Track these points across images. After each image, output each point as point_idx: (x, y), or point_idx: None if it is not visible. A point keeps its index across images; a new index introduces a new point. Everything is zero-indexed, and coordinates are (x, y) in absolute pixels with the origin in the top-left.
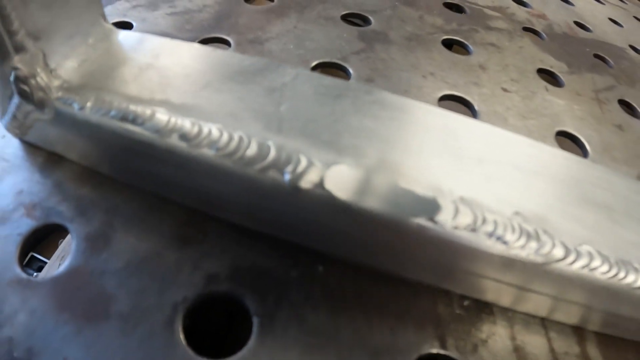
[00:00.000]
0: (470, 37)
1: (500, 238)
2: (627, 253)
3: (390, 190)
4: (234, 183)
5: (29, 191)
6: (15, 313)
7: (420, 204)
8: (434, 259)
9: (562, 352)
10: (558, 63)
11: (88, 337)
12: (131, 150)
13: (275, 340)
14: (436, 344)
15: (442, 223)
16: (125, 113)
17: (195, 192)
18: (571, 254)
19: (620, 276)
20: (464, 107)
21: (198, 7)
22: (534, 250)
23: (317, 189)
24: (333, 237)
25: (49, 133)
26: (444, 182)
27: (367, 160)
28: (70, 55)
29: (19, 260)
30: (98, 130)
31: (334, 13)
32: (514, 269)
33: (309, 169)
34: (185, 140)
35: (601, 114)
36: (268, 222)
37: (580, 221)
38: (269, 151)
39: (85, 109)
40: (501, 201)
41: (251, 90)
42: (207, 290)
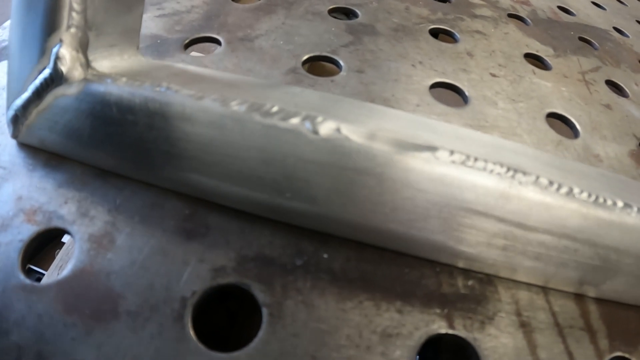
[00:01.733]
0: (456, 26)
1: (492, 171)
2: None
3: (394, 138)
4: (258, 132)
5: (29, 197)
6: (22, 319)
7: (421, 147)
8: (437, 200)
9: (567, 326)
10: (544, 47)
11: (98, 337)
12: (159, 116)
13: (286, 329)
14: (444, 324)
15: (442, 159)
16: (158, 85)
17: (214, 158)
18: (554, 183)
19: (600, 202)
20: (454, 93)
21: (186, 8)
22: (524, 179)
23: (335, 133)
24: (341, 197)
25: (65, 114)
26: (437, 141)
27: (370, 125)
28: (107, 58)
29: (21, 267)
30: (127, 100)
31: (320, 8)
32: (509, 200)
33: (325, 121)
34: (216, 101)
35: (589, 94)
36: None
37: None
38: (290, 110)
39: (118, 82)
40: (485, 154)
41: (270, 92)
42: (214, 283)
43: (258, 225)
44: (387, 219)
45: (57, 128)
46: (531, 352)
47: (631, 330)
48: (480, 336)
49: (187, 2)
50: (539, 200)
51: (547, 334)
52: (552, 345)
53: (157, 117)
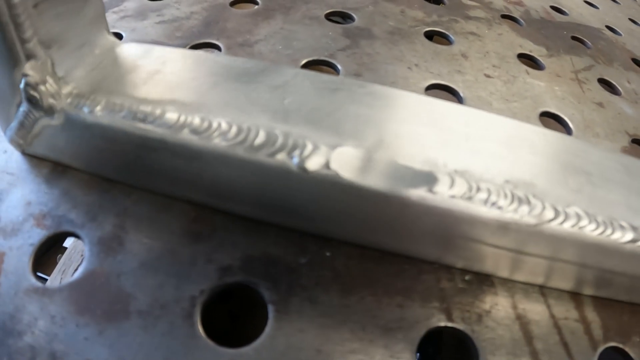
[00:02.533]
0: (450, 28)
1: (494, 204)
2: (610, 212)
3: (390, 167)
4: (244, 170)
5: (38, 202)
6: (34, 320)
7: (419, 177)
8: (435, 229)
9: (562, 317)
10: (537, 47)
11: (110, 336)
12: (143, 148)
13: (291, 324)
14: (443, 317)
15: (440, 193)
16: (135, 113)
17: (206, 184)
18: (560, 215)
19: (607, 233)
20: (449, 94)
21: (186, 15)
22: (527, 213)
23: (324, 170)
24: (339, 219)
25: (57, 140)
26: (438, 157)
27: (367, 142)
28: (79, 64)
29: (32, 270)
30: (109, 132)
31: (317, 12)
32: (509, 232)
33: (315, 152)
34: (196, 134)
35: (582, 93)
36: (276, 208)
37: (564, 186)
38: (276, 138)
39: (96, 111)
40: (491, 171)
41: (256, 89)
42: (222, 282)
43: (263, 225)
44: (384, 239)
45: (55, 149)
46: (527, 343)
47: (625, 321)
48: (478, 328)
49: (187, 8)
50: (539, 232)
51: (543, 326)
52: (548, 337)
53: (142, 148)
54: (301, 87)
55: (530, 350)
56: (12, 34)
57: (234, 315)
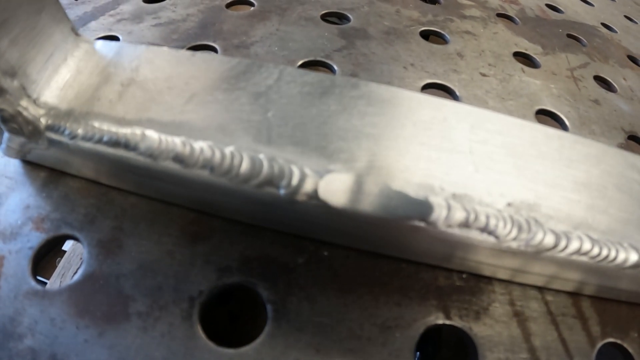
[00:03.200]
0: (446, 27)
1: (492, 232)
2: (617, 232)
3: (382, 194)
4: (232, 197)
5: (36, 205)
6: (35, 323)
7: (413, 205)
8: (430, 250)
9: (559, 314)
10: (532, 45)
11: (110, 338)
12: (128, 170)
13: (290, 323)
14: (440, 315)
15: (435, 223)
16: (116, 138)
17: (196, 201)
18: (562, 241)
19: (610, 257)
20: (445, 93)
21: (182, 17)
22: (525, 242)
23: (313, 200)
24: (333, 233)
25: (46, 157)
26: (435, 179)
27: (358, 164)
28: (51, 78)
29: (32, 273)
30: (92, 155)
31: (313, 13)
32: (506, 257)
33: (302, 182)
34: (179, 162)
35: (577, 90)
36: (270, 222)
37: (571, 204)
38: (261, 166)
39: (77, 137)
40: (492, 193)
41: (237, 99)
42: (220, 282)
43: (260, 227)
44: (379, 248)
45: (47, 161)
46: (525, 340)
47: (622, 317)
48: (475, 326)
49: (183, 10)
50: (538, 259)
51: (541, 322)
52: (546, 333)
53: (127, 170)
54: (286, 93)
55: (528, 347)
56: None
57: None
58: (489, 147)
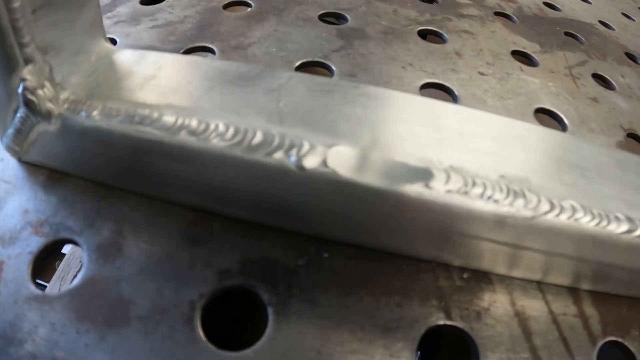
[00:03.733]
0: (444, 26)
1: (490, 197)
2: (605, 204)
3: (385, 165)
4: (242, 170)
5: (35, 209)
6: (35, 328)
7: (414, 173)
8: (432, 226)
9: (560, 313)
10: (530, 44)
11: (111, 342)
12: (140, 152)
13: (291, 326)
14: (442, 316)
15: (437, 188)
16: (133, 116)
17: (203, 188)
18: (556, 207)
19: (603, 224)
20: (444, 93)
21: (179, 19)
22: (522, 206)
23: (321, 167)
24: (336, 220)
25: (54, 147)
26: (433, 154)
27: (362, 141)
28: (75, 70)
29: (31, 278)
30: (106, 135)
31: (311, 14)
32: (505, 226)
33: (311, 151)
34: (193, 135)
35: (576, 88)
36: (273, 209)
37: (559, 181)
38: (273, 138)
39: (93, 116)
40: (486, 168)
41: (251, 92)
42: (221, 285)
43: (260, 228)
44: (381, 238)
45: (50, 156)
46: (526, 340)
47: (623, 315)
48: (477, 326)
49: (180, 12)
50: (536, 226)
51: (542, 322)
52: (547, 332)
53: (139, 152)
54: (296, 89)
55: (530, 347)
56: (10, 38)
57: (234, 319)
58: (477, 134)
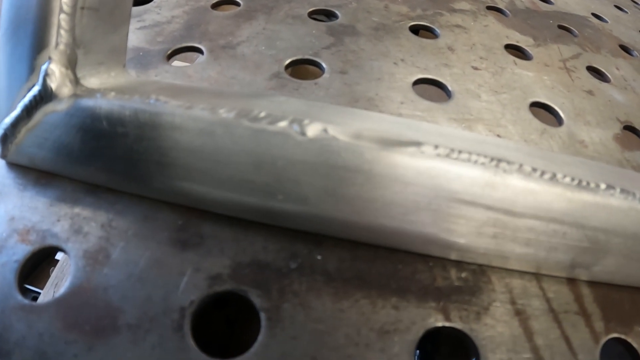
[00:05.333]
0: (436, 21)
1: (476, 162)
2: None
3: (380, 136)
4: (247, 137)
5: (21, 216)
6: (22, 339)
7: (406, 139)
8: (425, 193)
9: (561, 311)
10: (524, 37)
11: (99, 352)
12: (149, 126)
13: (285, 331)
14: (440, 317)
15: (427, 153)
16: (147, 97)
17: (204, 164)
18: (537, 171)
19: (584, 186)
20: (437, 88)
21: (167, 19)
22: (507, 168)
23: (323, 134)
24: (332, 194)
25: (55, 130)
26: (421, 137)
27: (356, 125)
28: (94, 76)
29: (18, 287)
30: (118, 113)
31: (300, 11)
32: (495, 188)
33: (312, 122)
34: (206, 110)
35: (571, 81)
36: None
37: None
38: (277, 114)
39: (108, 96)
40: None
41: (255, 99)
42: (211, 291)
43: (251, 231)
44: (379, 215)
45: (47, 145)
46: (528, 339)
47: (625, 311)
48: (476, 327)
49: (167, 12)
50: (523, 186)
51: (543, 321)
52: (549, 331)
53: (148, 127)
54: (294, 102)
55: (531, 347)
56: (55, 17)
57: (231, 322)
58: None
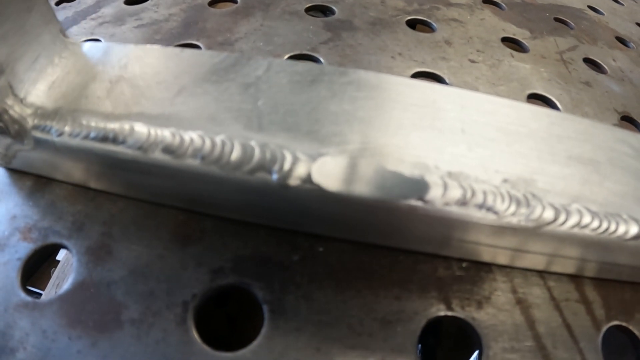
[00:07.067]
0: (432, 15)
1: (490, 209)
2: (615, 205)
3: (377, 175)
4: (224, 186)
5: (23, 215)
6: (26, 336)
7: (409, 184)
8: (429, 233)
9: (562, 299)
10: (520, 30)
11: (103, 348)
12: (117, 167)
13: (288, 323)
14: (442, 307)
15: (433, 201)
16: (104, 133)
17: (187, 196)
18: (561, 215)
19: (611, 230)
20: (435, 81)
21: (164, 17)
22: (525, 217)
23: (306, 184)
24: (328, 223)
25: (32, 161)
26: (429, 158)
27: (350, 146)
28: (38, 79)
29: (21, 285)
30: (80, 153)
31: (297, 7)
32: (506, 235)
33: (295, 165)
34: (168, 153)
35: (568, 73)
36: (263, 216)
37: (566, 178)
38: (253, 152)
39: (64, 134)
40: (487, 169)
41: (226, 89)
42: (214, 285)
43: (253, 225)
44: (377, 239)
45: (33, 168)
46: (530, 327)
47: (626, 299)
48: (478, 316)
49: (165, 10)
50: (538, 234)
51: (544, 309)
52: (550, 319)
53: (115, 167)
54: (275, 82)
55: (533, 335)
56: None
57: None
58: (480, 127)
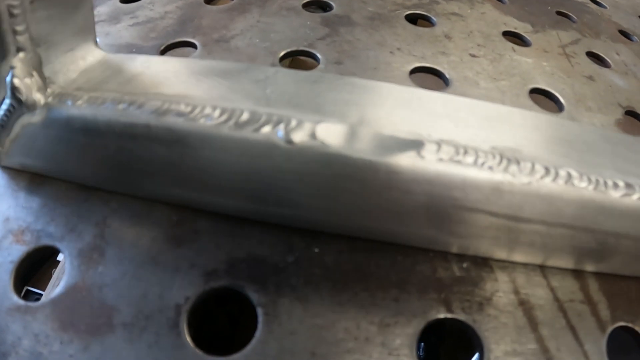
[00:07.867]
0: (432, 10)
1: (484, 164)
2: (601, 172)
3: (375, 137)
4: (229, 148)
5: (15, 217)
6: (18, 340)
7: (405, 144)
8: (425, 200)
9: (566, 300)
10: (522, 24)
11: (95, 351)
12: (126, 136)
13: (282, 327)
14: (442, 309)
15: (429, 157)
16: (119, 101)
17: (189, 174)
18: (551, 173)
19: (602, 188)
20: (435, 76)
21: (160, 15)
22: (518, 171)
23: (310, 141)
24: (325, 199)
25: (36, 142)
26: (422, 129)
27: (350, 119)
28: (64, 69)
29: (14, 288)
30: (92, 122)
31: (294, 3)
32: (502, 193)
33: (299, 126)
34: (180, 117)
35: (571, 67)
36: (261, 193)
37: (551, 151)
38: (260, 116)
39: (79, 104)
40: (476, 140)
41: (238, 81)
42: (207, 287)
43: (247, 225)
44: (374, 219)
45: (33, 153)
46: (532, 330)
47: (632, 299)
48: (479, 317)
49: (161, 8)
50: (534, 192)
51: (547, 310)
52: (554, 321)
53: (125, 138)
54: (282, 80)
55: (536, 337)
56: (6, 24)
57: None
58: (464, 114)
